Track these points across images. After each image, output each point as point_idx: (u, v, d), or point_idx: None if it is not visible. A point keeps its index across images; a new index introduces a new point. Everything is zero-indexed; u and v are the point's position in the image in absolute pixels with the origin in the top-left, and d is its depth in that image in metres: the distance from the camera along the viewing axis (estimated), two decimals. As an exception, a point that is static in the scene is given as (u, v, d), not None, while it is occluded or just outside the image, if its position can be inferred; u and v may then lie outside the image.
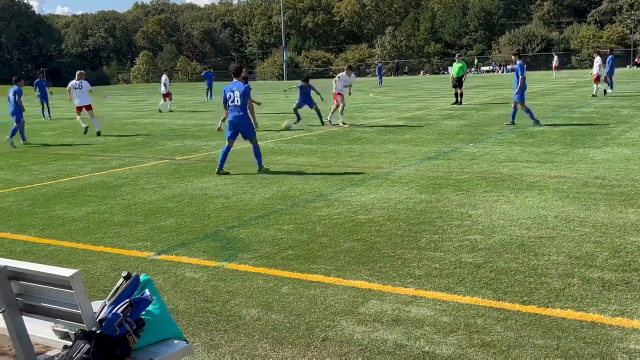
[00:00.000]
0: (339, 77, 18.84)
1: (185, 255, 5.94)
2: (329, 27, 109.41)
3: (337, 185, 9.10)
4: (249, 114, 10.41)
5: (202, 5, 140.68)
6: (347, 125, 17.81)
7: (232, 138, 10.57)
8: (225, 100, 10.45)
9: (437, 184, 8.83)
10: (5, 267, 2.70)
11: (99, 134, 17.72)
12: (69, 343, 2.86)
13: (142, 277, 2.95)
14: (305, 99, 19.11)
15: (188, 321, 4.37)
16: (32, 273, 2.67)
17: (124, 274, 2.87)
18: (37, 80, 27.97)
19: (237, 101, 10.26)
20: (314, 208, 7.66)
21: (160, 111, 27.09)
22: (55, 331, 3.01)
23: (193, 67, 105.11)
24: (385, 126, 17.51)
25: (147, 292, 2.92)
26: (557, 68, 49.53)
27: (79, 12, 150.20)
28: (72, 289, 2.55)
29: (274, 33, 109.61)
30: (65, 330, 2.96)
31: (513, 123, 16.07)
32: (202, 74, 37.60)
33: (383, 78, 52.11)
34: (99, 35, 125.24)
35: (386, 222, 6.82)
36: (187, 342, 2.91)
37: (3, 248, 6.31)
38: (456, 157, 11.31)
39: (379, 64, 57.04)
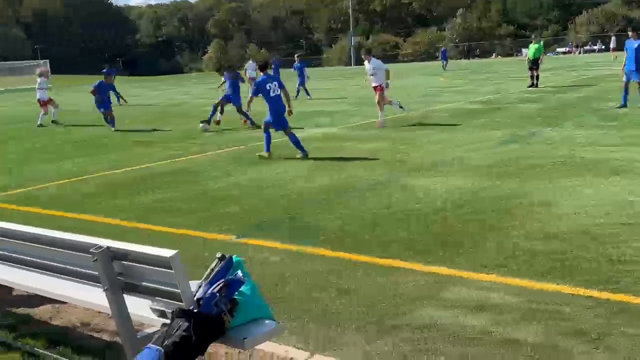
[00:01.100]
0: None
1: (262, 238, 6.06)
2: (398, 10, 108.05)
3: (408, 171, 9.04)
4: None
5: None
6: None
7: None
8: (263, 93, 10.70)
9: (514, 169, 8.63)
10: (108, 247, 2.84)
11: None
12: (166, 321, 2.99)
13: (234, 259, 3.04)
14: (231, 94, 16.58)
15: (269, 303, 4.47)
16: (133, 253, 2.80)
17: (219, 255, 2.96)
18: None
19: (278, 91, 10.76)
20: (386, 195, 7.63)
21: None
22: (153, 309, 3.14)
23: (262, 54, 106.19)
24: (458, 110, 17.23)
25: (239, 273, 3.01)
26: (614, 50, 46.35)
27: (149, 3, 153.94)
28: (171, 269, 2.67)
29: (342, 18, 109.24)
30: (162, 308, 3.09)
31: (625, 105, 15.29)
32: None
33: (449, 61, 50.84)
34: (172, 25, 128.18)
35: (460, 208, 6.74)
36: (278, 323, 2.99)
37: (91, 231, 6.62)
38: (534, 141, 11.02)
39: (444, 47, 55.89)
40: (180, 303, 2.74)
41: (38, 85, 21.08)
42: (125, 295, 2.97)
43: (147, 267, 2.78)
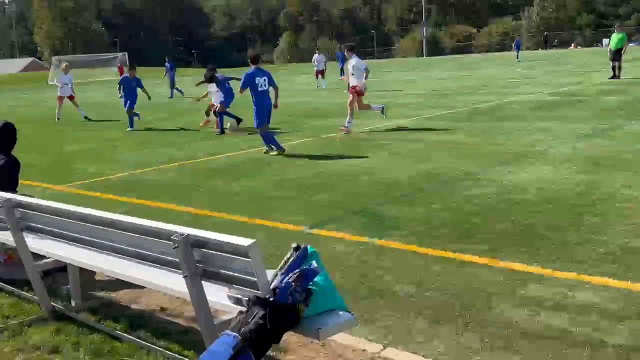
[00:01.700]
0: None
1: (336, 230, 6.07)
2: (472, 0, 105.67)
3: (485, 163, 8.84)
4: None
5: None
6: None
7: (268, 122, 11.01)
8: (250, 86, 10.58)
9: (597, 163, 8.30)
10: (188, 235, 2.90)
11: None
12: (242, 308, 3.03)
13: (309, 249, 3.05)
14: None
15: (342, 294, 4.46)
16: (212, 241, 2.85)
17: (294, 245, 2.97)
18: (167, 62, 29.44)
19: (266, 86, 10.67)
20: (463, 187, 7.50)
21: (318, 87, 28.11)
22: (229, 297, 3.19)
23: (333, 46, 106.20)
24: (536, 102, 16.71)
25: (314, 263, 3.01)
26: None
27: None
28: (249, 258, 2.69)
29: (414, 9, 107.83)
30: (239, 296, 3.13)
31: None
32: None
33: (522, 52, 49.20)
34: (245, 18, 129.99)
35: (542, 203, 6.53)
36: (352, 314, 2.98)
37: (172, 218, 6.80)
38: (618, 135, 10.56)
39: (517, 38, 54.18)
40: (257, 291, 2.76)
41: (61, 81, 20.52)
42: (203, 282, 3.03)
43: (225, 255, 2.82)
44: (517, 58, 45.26)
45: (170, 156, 11.37)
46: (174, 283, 3.35)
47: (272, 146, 10.76)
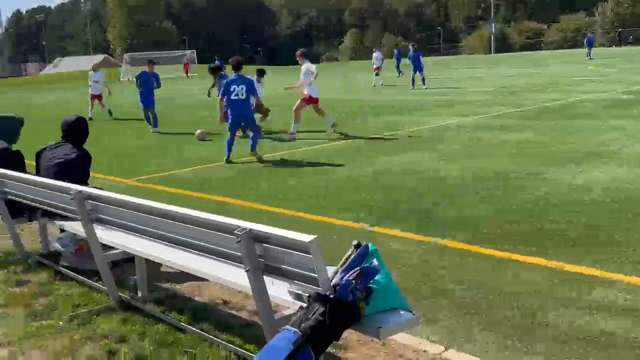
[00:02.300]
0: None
1: (397, 228, 6.01)
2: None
3: (555, 162, 8.58)
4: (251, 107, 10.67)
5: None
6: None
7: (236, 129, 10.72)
8: (227, 94, 10.25)
9: (674, 165, 7.92)
10: (250, 230, 2.92)
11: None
12: (302, 304, 3.04)
13: (370, 247, 3.02)
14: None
15: (403, 293, 4.41)
16: (274, 236, 2.86)
17: (355, 242, 2.95)
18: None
19: (243, 95, 10.23)
20: (532, 187, 7.30)
21: (374, 86, 27.83)
22: (290, 292, 3.21)
23: (398, 43, 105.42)
24: (609, 100, 16.09)
25: (374, 261, 2.98)
26: None
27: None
28: (310, 254, 2.69)
29: (482, 5, 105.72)
30: (299, 292, 3.14)
31: None
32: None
33: (593, 49, 47.27)
34: (311, 15, 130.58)
35: (613, 204, 6.29)
36: (414, 314, 2.93)
37: (231, 213, 6.90)
38: (697, 135, 10.05)
39: (589, 34, 52.20)
40: (317, 288, 2.76)
41: (91, 79, 20.45)
42: (264, 277, 3.05)
43: (287, 250, 2.82)
44: (589, 55, 43.63)
45: (233, 152, 11.51)
46: (236, 277, 3.40)
47: (226, 151, 10.38)
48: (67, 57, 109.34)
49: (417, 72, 24.96)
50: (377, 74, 28.59)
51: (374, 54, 29.24)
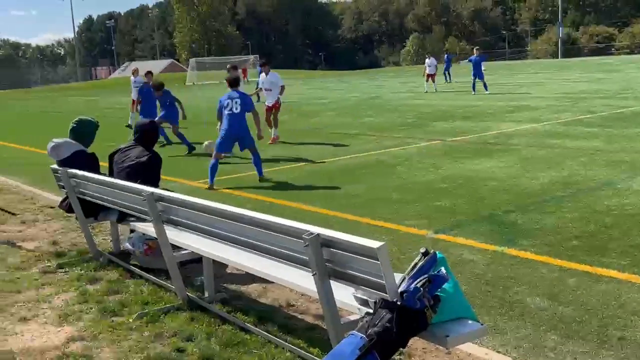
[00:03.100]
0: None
1: (462, 236, 5.93)
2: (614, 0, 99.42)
3: (627, 172, 8.28)
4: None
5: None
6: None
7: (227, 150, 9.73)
8: (219, 110, 9.43)
9: None
10: (318, 234, 2.94)
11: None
12: (368, 310, 3.04)
13: (438, 255, 2.99)
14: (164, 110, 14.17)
15: (470, 303, 4.35)
16: (342, 242, 2.87)
17: (423, 250, 2.93)
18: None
19: (237, 109, 9.22)
20: (601, 197, 7.07)
21: (426, 92, 27.51)
22: (356, 297, 3.21)
23: (462, 47, 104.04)
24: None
25: (442, 269, 2.95)
26: None
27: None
28: (377, 260, 2.69)
29: (550, 9, 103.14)
30: (365, 297, 3.14)
31: None
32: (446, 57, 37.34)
33: None
34: (373, 20, 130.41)
35: (692, 217, 6.02)
36: (482, 324, 2.89)
37: (296, 217, 6.96)
38: None
39: None
40: (384, 294, 2.75)
41: (133, 84, 19.77)
42: (331, 281, 3.07)
43: (354, 255, 2.83)
44: None
45: (297, 156, 11.63)
46: (302, 280, 3.43)
47: (209, 176, 9.21)
48: (135, 61, 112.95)
49: (477, 78, 24.47)
50: (427, 80, 28.24)
51: (427, 60, 28.79)
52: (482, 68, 24.71)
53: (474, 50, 25.76)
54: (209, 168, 9.24)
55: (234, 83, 9.69)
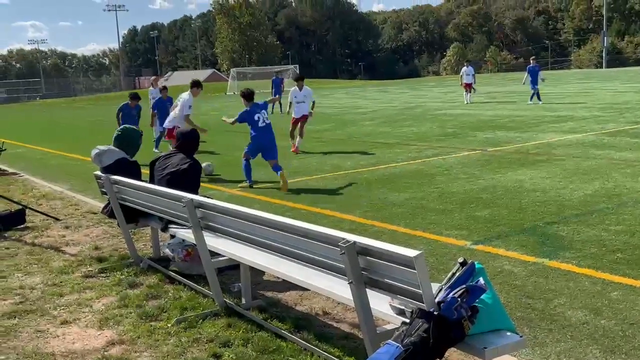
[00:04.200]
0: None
1: (502, 247, 5.84)
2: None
3: (674, 185, 8.04)
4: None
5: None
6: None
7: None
8: (250, 122, 9.82)
9: None
10: (355, 242, 2.94)
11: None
12: (404, 319, 3.02)
13: (476, 265, 2.96)
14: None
15: (509, 315, 4.28)
16: (379, 250, 2.86)
17: (460, 260, 2.90)
18: (274, 78, 29.87)
19: (268, 121, 9.89)
20: (648, 209, 6.88)
21: (466, 102, 27.10)
22: (392, 306, 3.20)
23: (503, 57, 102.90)
24: None
25: (481, 280, 2.91)
26: None
27: (390, 8, 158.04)
28: (414, 269, 2.67)
29: (594, 18, 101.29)
30: (401, 307, 3.13)
31: None
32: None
33: None
34: (413, 29, 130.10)
35: None
36: (521, 336, 2.84)
37: (333, 225, 6.96)
38: None
39: None
40: (421, 304, 2.73)
41: (151, 95, 18.81)
42: (367, 290, 3.06)
43: (391, 264, 2.82)
44: None
45: (335, 165, 11.65)
46: (338, 288, 3.43)
47: (245, 177, 10.02)
48: (177, 71, 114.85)
49: (534, 86, 23.94)
50: (467, 91, 27.52)
51: (464, 69, 27.93)
52: (540, 77, 24.18)
53: (531, 60, 25.28)
54: (243, 169, 9.95)
55: (250, 97, 10.08)
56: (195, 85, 11.58)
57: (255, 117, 9.79)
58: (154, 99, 18.13)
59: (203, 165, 10.56)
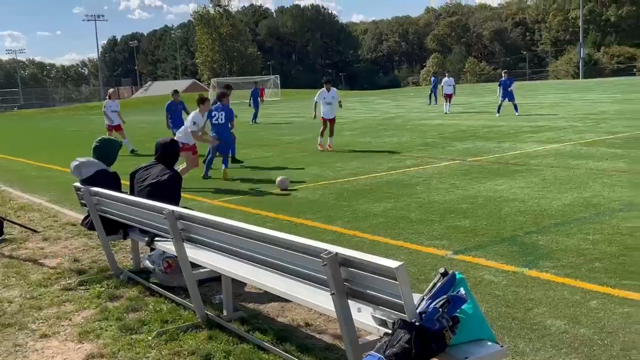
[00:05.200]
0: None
1: (482, 257, 5.89)
2: (636, 19, 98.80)
3: (650, 194, 8.18)
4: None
5: (495, 5, 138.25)
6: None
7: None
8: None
9: None
10: (337, 253, 2.95)
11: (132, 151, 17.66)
12: (386, 330, 3.03)
13: (457, 275, 2.98)
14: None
15: (490, 324, 4.31)
16: (360, 261, 2.87)
17: (441, 270, 2.92)
18: (253, 89, 30.36)
19: (222, 120, 12.09)
20: (623, 218, 6.98)
21: (445, 112, 27.37)
22: (374, 317, 3.20)
23: (482, 67, 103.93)
24: None
25: (461, 290, 2.94)
26: None
27: (370, 19, 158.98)
28: (396, 280, 2.69)
29: (570, 29, 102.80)
30: (384, 317, 3.13)
31: None
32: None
33: None
34: (393, 40, 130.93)
35: None
36: (502, 346, 2.87)
37: (315, 236, 6.97)
38: None
39: None
40: (403, 314, 2.74)
41: (105, 108, 18.79)
42: (349, 301, 3.06)
43: (372, 275, 2.83)
44: None
45: (316, 175, 11.66)
46: (320, 299, 3.43)
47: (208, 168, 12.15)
48: (157, 81, 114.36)
49: (508, 100, 24.00)
50: (447, 101, 27.89)
51: (445, 79, 28.45)
52: (511, 89, 24.22)
53: (503, 74, 25.53)
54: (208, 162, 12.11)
55: (221, 97, 12.52)
56: (201, 102, 11.63)
57: (212, 114, 12.02)
58: (114, 112, 18.52)
59: (280, 179, 10.55)
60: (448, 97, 28.00)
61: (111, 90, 21.95)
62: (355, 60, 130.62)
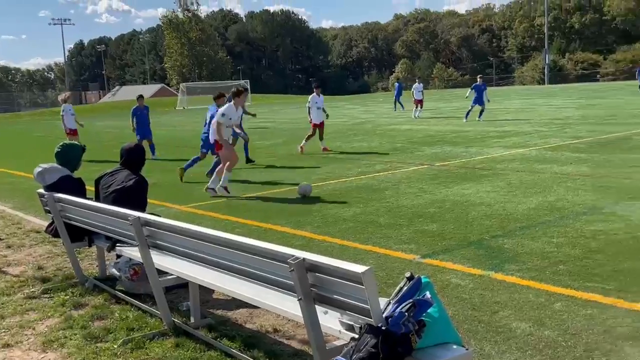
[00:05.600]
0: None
1: (449, 261, 5.94)
2: (598, 26, 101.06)
3: (612, 198, 8.35)
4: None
5: (463, 12, 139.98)
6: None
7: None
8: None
9: None
10: (304, 259, 2.95)
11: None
12: (353, 335, 3.04)
13: (423, 279, 3.00)
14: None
15: (456, 327, 4.35)
16: (327, 266, 2.88)
17: (407, 274, 2.94)
18: (229, 95, 30.28)
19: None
20: (587, 222, 7.12)
21: (414, 118, 27.66)
22: (341, 322, 3.21)
23: (449, 73, 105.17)
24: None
25: (427, 294, 2.96)
26: None
27: (340, 25, 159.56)
28: (362, 285, 2.70)
29: (536, 36, 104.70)
30: (351, 322, 3.14)
31: None
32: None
33: None
34: (362, 46, 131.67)
35: (676, 242, 6.06)
36: (467, 349, 2.90)
37: (284, 241, 6.96)
38: None
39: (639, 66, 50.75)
40: (369, 319, 2.75)
41: (63, 111, 18.38)
42: (316, 306, 3.06)
43: (339, 280, 2.83)
44: None
45: (287, 180, 11.65)
46: (288, 305, 3.43)
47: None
48: (125, 85, 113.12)
49: (478, 104, 24.13)
50: (420, 106, 28.36)
51: (415, 85, 29.06)
52: (486, 98, 24.33)
53: (478, 78, 25.77)
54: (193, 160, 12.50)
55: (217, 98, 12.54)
56: (237, 94, 10.68)
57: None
58: (73, 115, 18.51)
59: (303, 185, 10.14)
60: (418, 102, 28.31)
61: (68, 92, 21.33)
62: (325, 66, 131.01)
